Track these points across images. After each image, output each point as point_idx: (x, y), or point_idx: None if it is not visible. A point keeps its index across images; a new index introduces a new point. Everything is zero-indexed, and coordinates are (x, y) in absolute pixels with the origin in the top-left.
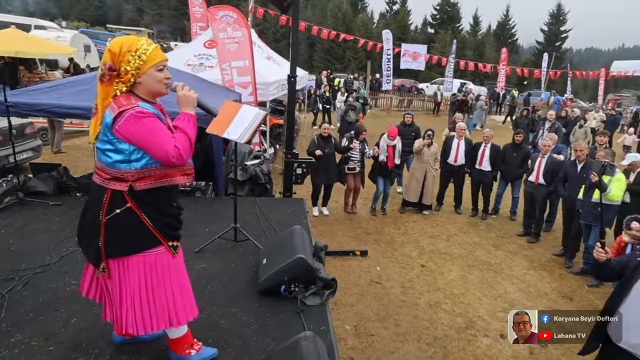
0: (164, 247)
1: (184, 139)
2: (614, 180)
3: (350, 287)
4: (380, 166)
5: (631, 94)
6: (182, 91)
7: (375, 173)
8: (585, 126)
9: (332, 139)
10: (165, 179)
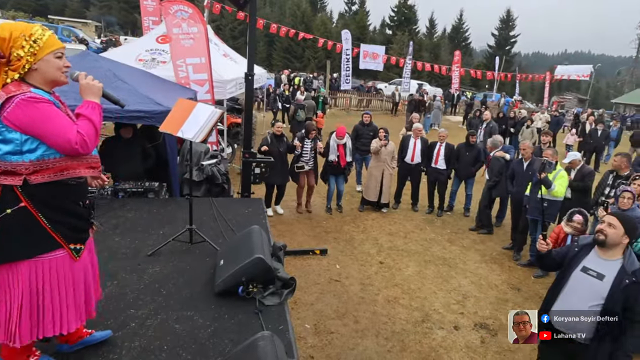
0: (64, 251)
1: (89, 125)
2: (557, 178)
3: (310, 286)
4: (331, 165)
5: (573, 97)
6: (85, 80)
7: (327, 172)
8: (532, 126)
9: (284, 137)
10: (66, 171)
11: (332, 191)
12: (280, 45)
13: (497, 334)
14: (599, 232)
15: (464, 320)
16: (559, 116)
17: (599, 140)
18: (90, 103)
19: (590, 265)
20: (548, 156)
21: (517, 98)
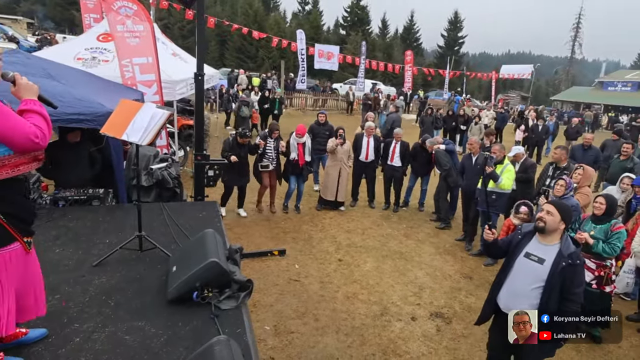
0: (19, 244)
1: (40, 119)
2: (504, 171)
3: (269, 287)
4: (292, 164)
5: (516, 94)
6: (22, 80)
7: (287, 171)
8: (480, 123)
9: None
10: (19, 167)
11: (292, 190)
12: (233, 44)
13: (452, 322)
14: (539, 220)
15: (421, 310)
16: (504, 113)
17: (540, 135)
18: (31, 100)
19: (532, 250)
20: (496, 151)
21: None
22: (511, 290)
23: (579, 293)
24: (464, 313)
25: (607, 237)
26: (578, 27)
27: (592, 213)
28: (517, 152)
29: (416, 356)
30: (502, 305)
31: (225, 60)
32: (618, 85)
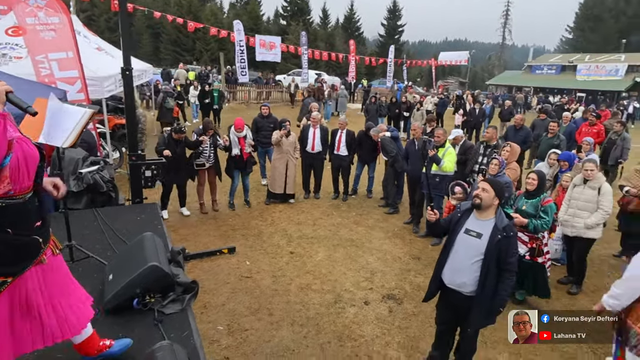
0: None
1: None
2: (446, 154)
3: (220, 286)
4: (234, 159)
5: (455, 80)
6: None
7: (230, 167)
8: (422, 109)
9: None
10: None
11: (236, 186)
12: (168, 37)
13: (403, 302)
14: (475, 197)
15: (373, 294)
16: (444, 98)
17: (478, 118)
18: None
19: (470, 226)
20: (440, 136)
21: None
22: (454, 265)
23: (513, 262)
24: (414, 292)
25: (537, 210)
26: (507, 14)
27: (525, 189)
28: (456, 135)
29: (370, 339)
30: (447, 281)
31: (160, 54)
32: (544, 69)
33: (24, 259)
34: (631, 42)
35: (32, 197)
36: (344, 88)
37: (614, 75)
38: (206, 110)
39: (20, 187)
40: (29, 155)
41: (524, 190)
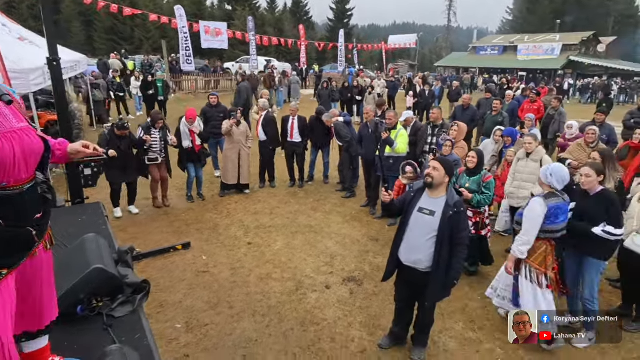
0: None
1: None
2: (398, 136)
3: (175, 284)
4: (186, 152)
5: (405, 63)
6: None
7: (183, 160)
8: (374, 93)
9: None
10: None
11: (192, 179)
12: (102, 25)
13: (363, 283)
14: (427, 176)
15: (334, 278)
16: (395, 81)
17: (428, 99)
18: None
19: (423, 205)
20: (391, 118)
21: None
22: (409, 243)
23: (465, 236)
24: (373, 273)
25: (480, 186)
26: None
27: (466, 167)
28: (407, 117)
29: (333, 321)
30: (403, 259)
31: (95, 43)
32: (488, 50)
33: (18, 250)
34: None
35: (32, 188)
36: (295, 74)
37: (550, 54)
38: (150, 102)
39: (15, 179)
40: (28, 147)
41: (465, 168)
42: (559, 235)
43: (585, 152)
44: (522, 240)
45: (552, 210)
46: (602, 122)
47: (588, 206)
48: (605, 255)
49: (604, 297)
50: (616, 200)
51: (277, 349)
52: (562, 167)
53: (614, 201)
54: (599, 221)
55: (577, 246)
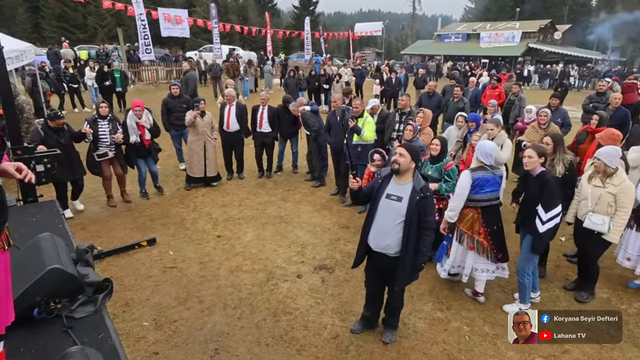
0: None
1: None
2: (365, 124)
3: (141, 281)
4: (135, 147)
5: (372, 51)
6: None
7: (132, 156)
8: (341, 81)
9: (66, 125)
10: None
11: (143, 176)
12: (51, 12)
13: (334, 270)
14: (394, 162)
15: (305, 267)
16: (362, 69)
17: (394, 87)
18: None
19: (391, 191)
20: (358, 106)
21: (326, 56)
22: (378, 229)
23: (432, 220)
24: (344, 260)
25: (441, 173)
26: None
27: (430, 154)
28: (373, 105)
29: (305, 309)
30: (373, 245)
31: (44, 31)
32: (452, 37)
33: None
34: (524, 11)
35: None
36: (270, 63)
37: (511, 42)
38: (108, 94)
39: None
40: None
41: (429, 155)
42: (486, 205)
43: (539, 133)
44: (451, 206)
45: (477, 181)
46: (557, 106)
47: (531, 187)
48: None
49: (561, 271)
50: (550, 183)
51: (249, 340)
52: (488, 143)
53: (547, 183)
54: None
55: (522, 223)
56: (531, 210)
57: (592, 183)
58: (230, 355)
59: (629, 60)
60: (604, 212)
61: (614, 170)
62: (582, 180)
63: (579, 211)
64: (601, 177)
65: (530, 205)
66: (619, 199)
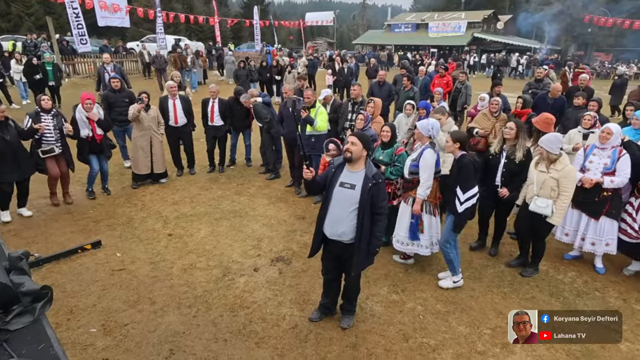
0: None
1: None
2: (318, 114)
3: (87, 286)
4: (87, 142)
5: (323, 41)
6: None
7: (84, 152)
8: (293, 71)
9: (10, 121)
10: None
11: (95, 172)
12: None
13: (292, 262)
14: (346, 151)
15: (262, 260)
16: (314, 60)
17: (347, 77)
18: None
19: (344, 179)
20: (309, 96)
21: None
22: (333, 217)
23: (384, 206)
24: (301, 251)
25: (392, 159)
26: None
27: (381, 140)
28: (325, 95)
29: (263, 302)
30: (328, 233)
31: None
32: (402, 27)
33: None
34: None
35: None
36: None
37: (457, 31)
38: (39, 89)
39: None
40: None
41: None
42: (442, 174)
43: (490, 120)
44: (426, 184)
45: (437, 156)
46: (499, 93)
47: (452, 170)
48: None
49: (505, 248)
50: (466, 166)
51: (206, 337)
52: (435, 120)
53: (463, 167)
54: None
55: (446, 204)
56: (452, 191)
57: (538, 169)
58: (187, 354)
59: (563, 48)
60: (548, 196)
61: (557, 156)
62: (530, 165)
63: (527, 195)
64: (546, 163)
65: (451, 187)
66: (561, 184)
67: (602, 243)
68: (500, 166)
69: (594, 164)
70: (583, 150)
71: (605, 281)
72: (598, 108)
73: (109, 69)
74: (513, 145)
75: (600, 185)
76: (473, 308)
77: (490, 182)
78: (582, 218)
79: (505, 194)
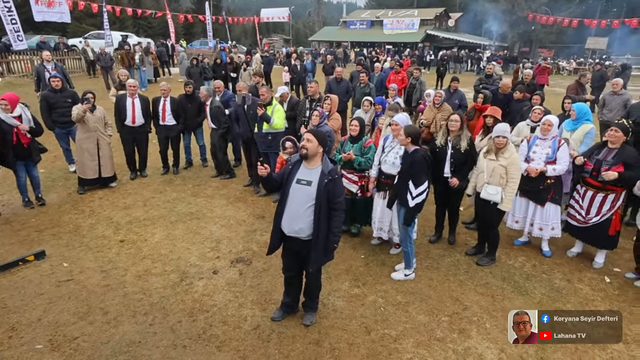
0: None
1: None
2: (275, 112)
3: (30, 300)
4: (12, 147)
5: (279, 38)
6: None
7: (9, 158)
8: (249, 69)
9: None
10: None
11: (23, 181)
12: None
13: (252, 262)
14: (302, 148)
15: (221, 262)
16: (270, 57)
17: (301, 74)
18: None
19: (301, 176)
20: (264, 94)
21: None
22: (290, 214)
23: (341, 201)
24: (262, 250)
25: (361, 151)
26: None
27: (350, 134)
28: (282, 93)
29: (223, 305)
30: (286, 230)
31: None
32: (357, 24)
33: None
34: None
35: None
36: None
37: (411, 28)
38: None
39: None
40: None
41: (349, 135)
42: None
43: (433, 112)
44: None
45: None
46: (456, 89)
47: (404, 163)
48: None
49: (461, 238)
50: (418, 161)
51: (164, 344)
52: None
53: (415, 162)
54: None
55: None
56: (403, 185)
57: (487, 157)
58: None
59: (509, 45)
60: (497, 183)
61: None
62: (480, 155)
63: (477, 183)
64: (495, 151)
65: (402, 180)
66: (509, 171)
67: (548, 227)
68: (448, 157)
69: (537, 154)
70: (527, 142)
71: (552, 264)
72: (541, 101)
73: (50, 67)
74: (457, 136)
75: (544, 173)
76: (431, 297)
77: (440, 174)
78: (529, 205)
79: (456, 183)
